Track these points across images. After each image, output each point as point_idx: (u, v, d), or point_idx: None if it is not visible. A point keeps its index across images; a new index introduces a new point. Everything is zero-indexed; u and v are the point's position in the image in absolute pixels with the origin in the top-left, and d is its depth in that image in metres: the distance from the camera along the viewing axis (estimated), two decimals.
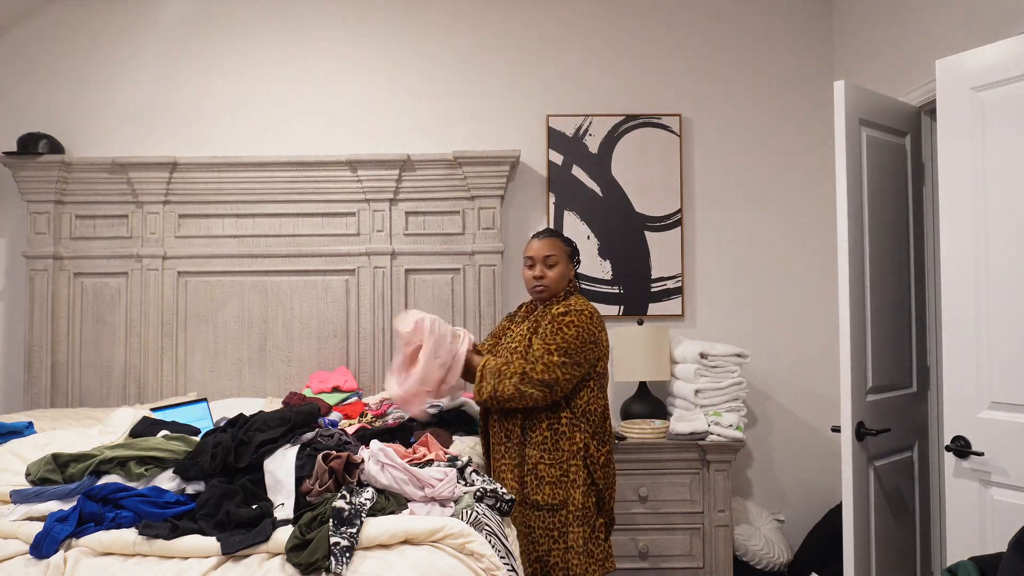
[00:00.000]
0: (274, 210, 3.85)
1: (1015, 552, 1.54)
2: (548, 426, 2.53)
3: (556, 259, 2.64)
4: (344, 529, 1.84)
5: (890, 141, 2.87)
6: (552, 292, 2.65)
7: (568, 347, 2.49)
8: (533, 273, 2.66)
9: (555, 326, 2.51)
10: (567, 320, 2.51)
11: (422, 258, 3.85)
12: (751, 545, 3.53)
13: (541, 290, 2.65)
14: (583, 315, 2.54)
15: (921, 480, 2.98)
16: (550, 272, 2.63)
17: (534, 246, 2.68)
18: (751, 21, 3.98)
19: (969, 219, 2.31)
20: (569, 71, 3.98)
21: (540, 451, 2.53)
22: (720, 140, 3.96)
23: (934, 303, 3.01)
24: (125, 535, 1.88)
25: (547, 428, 2.53)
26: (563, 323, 2.51)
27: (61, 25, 3.97)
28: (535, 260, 2.66)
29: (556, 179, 3.92)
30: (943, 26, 2.91)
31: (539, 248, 2.67)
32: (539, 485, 2.52)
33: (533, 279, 2.66)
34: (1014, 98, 2.21)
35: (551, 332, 2.51)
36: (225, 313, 3.83)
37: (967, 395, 2.31)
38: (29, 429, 2.86)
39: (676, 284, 3.91)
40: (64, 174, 3.78)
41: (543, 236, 2.71)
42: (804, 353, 3.91)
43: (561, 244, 2.69)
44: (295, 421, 2.26)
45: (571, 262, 2.71)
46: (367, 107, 3.97)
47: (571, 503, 2.50)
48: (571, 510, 2.50)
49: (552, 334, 2.51)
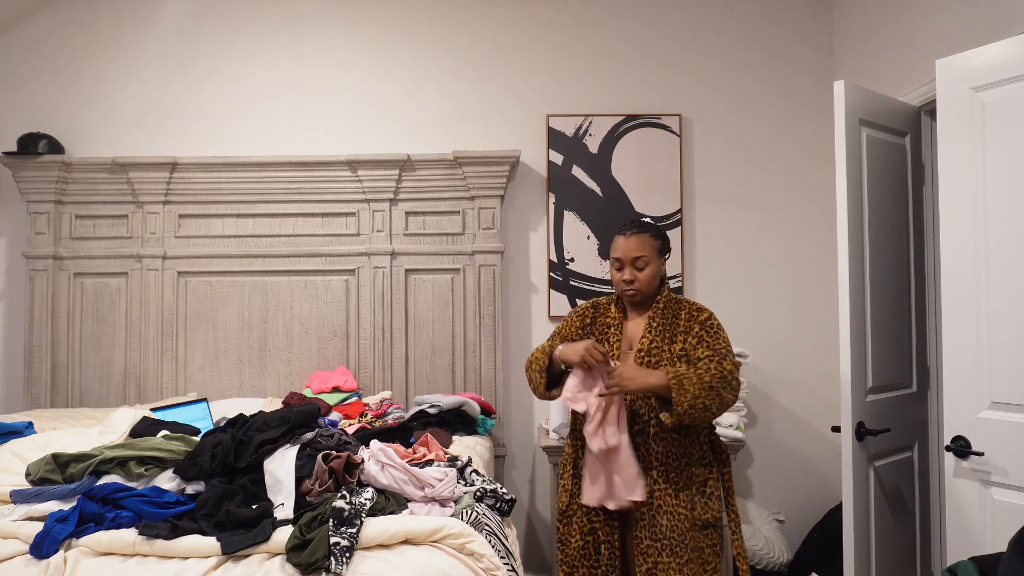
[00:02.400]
0: (274, 210, 3.85)
1: (1015, 552, 1.54)
2: (705, 438, 2.37)
3: (647, 259, 2.40)
4: (344, 529, 1.84)
5: (890, 141, 2.87)
6: (645, 295, 2.43)
7: (731, 349, 2.35)
8: (623, 276, 2.42)
9: (711, 331, 2.34)
10: (716, 323, 2.37)
11: (422, 258, 3.85)
12: (751, 545, 3.53)
13: (633, 294, 2.41)
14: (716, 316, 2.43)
15: (921, 480, 2.98)
16: (640, 275, 2.40)
17: (620, 245, 2.43)
18: (751, 21, 3.98)
19: (969, 219, 2.31)
20: (569, 71, 3.98)
21: (704, 467, 2.34)
22: (720, 140, 3.96)
23: (934, 303, 3.01)
24: (125, 535, 1.88)
25: (704, 441, 2.36)
26: (716, 327, 2.36)
27: (61, 25, 3.98)
28: (623, 262, 2.41)
29: (556, 179, 3.92)
30: (943, 26, 2.91)
31: (626, 249, 2.41)
32: (708, 503, 2.31)
33: (623, 282, 2.42)
34: (1014, 98, 2.21)
35: (712, 338, 2.33)
36: (225, 313, 3.83)
37: (967, 395, 2.31)
38: (29, 429, 2.86)
39: (676, 284, 3.91)
40: (64, 174, 3.78)
41: (630, 233, 2.43)
42: (804, 353, 3.91)
43: (650, 240, 2.42)
44: (295, 421, 2.26)
45: (663, 257, 2.47)
46: (367, 107, 3.97)
47: (731, 511, 2.42)
48: (732, 518, 2.41)
49: (714, 340, 2.32)
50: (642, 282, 2.40)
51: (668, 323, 2.39)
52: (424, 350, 3.83)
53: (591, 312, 2.53)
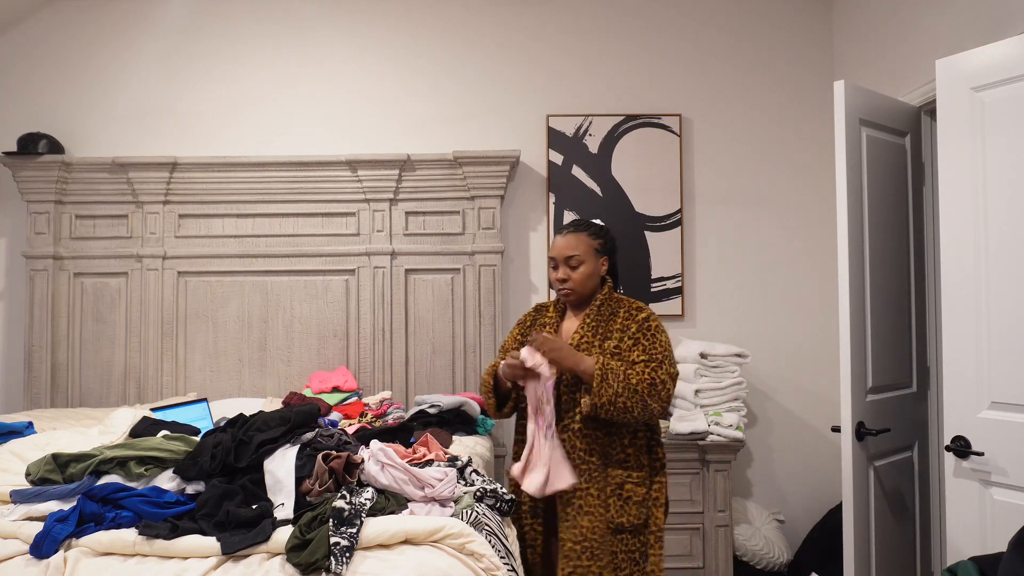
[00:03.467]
0: (274, 210, 3.85)
1: (1015, 552, 1.54)
2: (631, 442, 2.30)
3: (581, 259, 2.37)
4: (344, 529, 1.84)
5: (890, 141, 2.87)
6: (580, 295, 2.40)
7: (670, 355, 2.28)
8: (556, 275, 2.41)
9: (648, 333, 2.29)
10: (655, 325, 2.31)
11: (422, 258, 3.85)
12: (751, 545, 3.53)
13: (567, 293, 2.40)
14: (656, 317, 2.36)
15: (921, 480, 2.98)
16: (574, 274, 2.37)
17: (555, 244, 2.43)
18: (751, 21, 3.98)
19: (969, 219, 2.31)
20: (569, 71, 3.98)
21: (624, 469, 2.28)
22: (720, 140, 3.96)
23: (934, 303, 3.01)
24: (125, 535, 1.88)
25: (629, 444, 2.30)
26: (655, 328, 2.30)
27: (61, 25, 3.97)
28: (557, 261, 2.40)
29: (556, 179, 3.92)
30: (943, 26, 2.91)
31: (560, 248, 2.40)
32: (624, 506, 2.26)
33: (557, 281, 2.41)
34: (1014, 98, 2.21)
35: (649, 341, 2.28)
36: (225, 313, 3.83)
37: (967, 395, 2.31)
38: (29, 429, 2.86)
39: (676, 284, 3.91)
40: (64, 174, 3.78)
41: (566, 232, 2.43)
42: (804, 353, 3.91)
43: (587, 239, 2.39)
44: (295, 421, 2.26)
45: (602, 256, 2.42)
46: (367, 107, 3.97)
47: (652, 523, 2.30)
48: (652, 530, 2.30)
49: (651, 343, 2.27)
50: (576, 281, 2.38)
51: (603, 321, 2.36)
52: (424, 350, 3.83)
53: (531, 317, 2.54)
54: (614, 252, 2.46)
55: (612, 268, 2.47)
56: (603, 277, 2.44)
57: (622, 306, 2.38)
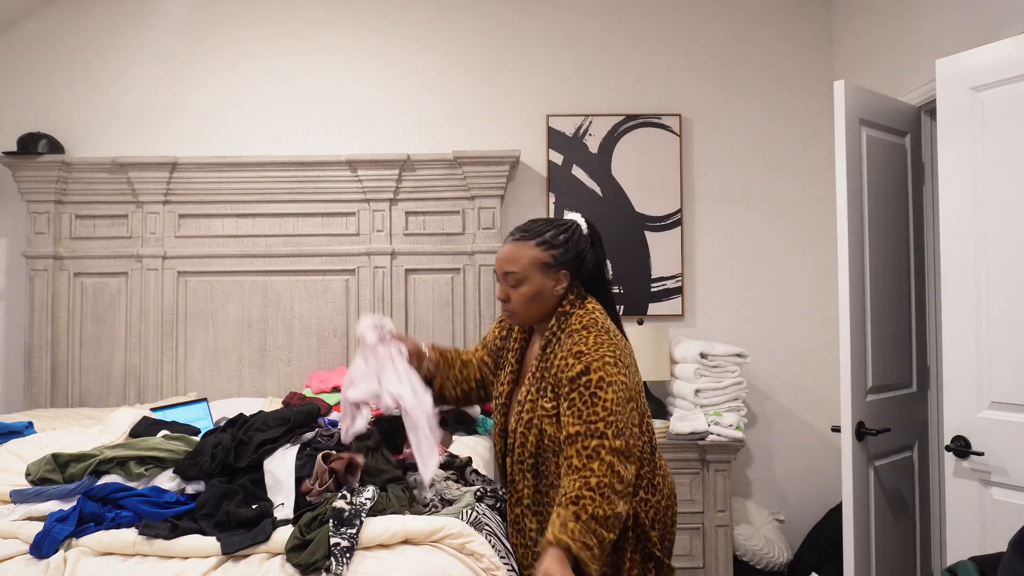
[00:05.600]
0: (274, 210, 3.85)
1: (1015, 552, 1.54)
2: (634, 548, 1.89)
3: (520, 276, 1.90)
4: (344, 529, 1.84)
5: (890, 141, 2.87)
6: (525, 319, 1.95)
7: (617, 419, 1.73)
8: (498, 294, 1.96)
9: (585, 394, 1.75)
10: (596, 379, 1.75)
11: (422, 258, 3.85)
12: (751, 545, 3.53)
13: (509, 315, 1.97)
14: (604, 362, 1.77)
15: (921, 480, 2.98)
16: (513, 293, 1.92)
17: (497, 254, 1.98)
18: (751, 21, 3.98)
19: (969, 219, 2.31)
20: (569, 71, 3.97)
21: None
22: (720, 140, 3.96)
23: (934, 303, 3.01)
24: (125, 535, 1.88)
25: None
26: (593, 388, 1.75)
27: (61, 25, 3.97)
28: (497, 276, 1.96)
29: (556, 179, 3.92)
30: (943, 26, 2.91)
31: (498, 260, 1.95)
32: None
33: (500, 301, 1.97)
34: (1014, 98, 2.21)
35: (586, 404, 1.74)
36: (225, 313, 3.83)
37: (967, 395, 2.31)
38: (29, 429, 2.86)
39: (676, 284, 3.90)
40: (64, 174, 3.78)
41: (508, 239, 1.97)
42: (804, 353, 3.91)
43: (531, 250, 1.90)
44: (295, 421, 2.26)
45: (557, 271, 1.91)
46: (367, 107, 3.97)
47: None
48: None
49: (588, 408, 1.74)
50: (515, 303, 1.91)
51: (547, 366, 1.87)
52: None
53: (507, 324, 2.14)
54: (580, 261, 1.94)
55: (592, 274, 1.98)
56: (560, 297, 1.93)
57: (563, 346, 1.84)
